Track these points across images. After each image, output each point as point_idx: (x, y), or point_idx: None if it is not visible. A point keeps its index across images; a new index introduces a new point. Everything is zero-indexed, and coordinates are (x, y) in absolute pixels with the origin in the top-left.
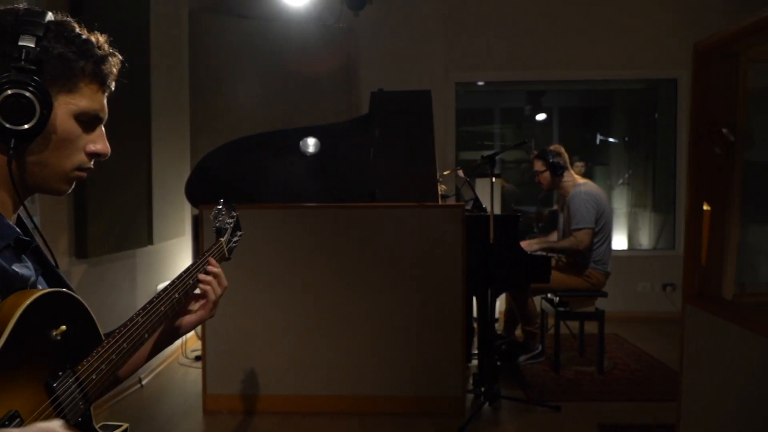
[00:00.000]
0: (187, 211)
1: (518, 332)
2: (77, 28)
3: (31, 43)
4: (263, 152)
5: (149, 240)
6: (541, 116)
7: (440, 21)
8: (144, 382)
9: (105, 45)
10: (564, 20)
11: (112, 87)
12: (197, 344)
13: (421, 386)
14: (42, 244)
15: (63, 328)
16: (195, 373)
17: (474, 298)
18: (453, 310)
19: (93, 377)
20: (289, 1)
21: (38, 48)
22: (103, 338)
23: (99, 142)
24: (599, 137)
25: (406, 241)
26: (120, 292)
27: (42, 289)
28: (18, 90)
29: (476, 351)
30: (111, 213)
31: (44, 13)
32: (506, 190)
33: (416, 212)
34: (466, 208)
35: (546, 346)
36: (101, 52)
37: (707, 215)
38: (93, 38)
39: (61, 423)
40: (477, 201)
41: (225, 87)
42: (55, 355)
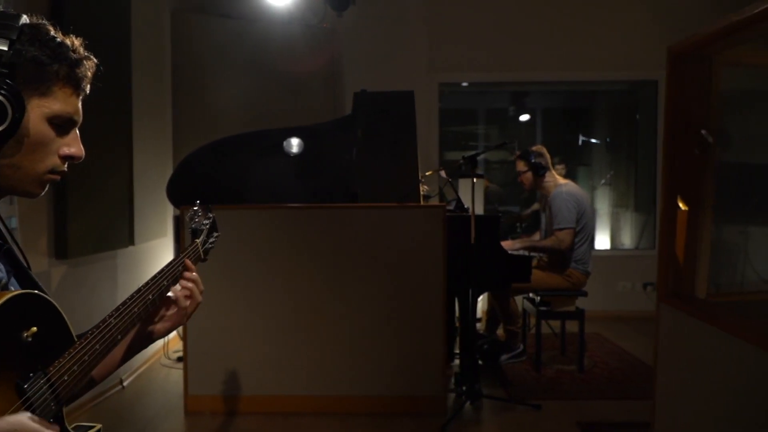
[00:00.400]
0: (169, 212)
1: (500, 331)
2: (52, 31)
3: (4, 46)
4: (246, 152)
5: (130, 240)
6: (525, 117)
7: (424, 22)
8: (125, 383)
9: (80, 48)
10: (547, 22)
11: (87, 90)
12: (179, 345)
13: (403, 386)
14: (14, 245)
15: (34, 330)
16: (177, 374)
17: (456, 298)
18: (434, 310)
19: (65, 378)
20: (272, 1)
21: (11, 51)
22: (76, 340)
23: (73, 146)
24: (581, 138)
25: (388, 242)
26: (101, 294)
27: (12, 291)
28: None
29: (458, 350)
30: (92, 213)
31: (18, 16)
32: (490, 191)
33: (397, 213)
34: (449, 209)
35: (527, 346)
36: (76, 56)
37: (683, 215)
38: (68, 41)
39: (29, 415)
40: (459, 201)
41: (208, 87)
42: (26, 357)
